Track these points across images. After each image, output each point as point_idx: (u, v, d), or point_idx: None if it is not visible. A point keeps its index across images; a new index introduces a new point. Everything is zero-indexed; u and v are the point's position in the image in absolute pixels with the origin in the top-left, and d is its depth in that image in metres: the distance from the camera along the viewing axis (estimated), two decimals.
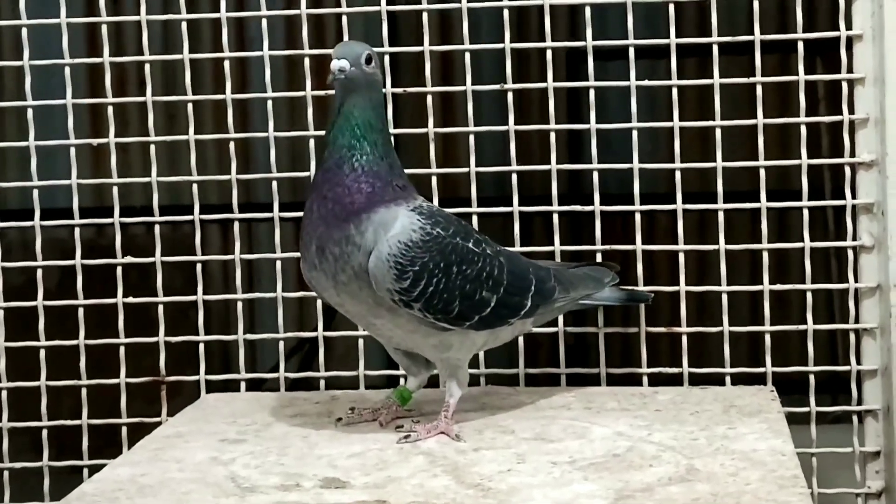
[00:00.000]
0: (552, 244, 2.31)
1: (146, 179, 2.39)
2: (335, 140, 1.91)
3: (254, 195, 2.55)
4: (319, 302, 2.26)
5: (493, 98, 2.39)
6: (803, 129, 2.28)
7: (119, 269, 2.37)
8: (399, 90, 2.33)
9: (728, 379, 2.29)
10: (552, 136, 2.32)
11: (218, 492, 1.74)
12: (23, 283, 2.47)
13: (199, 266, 2.37)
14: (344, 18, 2.35)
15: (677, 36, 2.28)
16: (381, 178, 1.90)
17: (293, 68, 2.50)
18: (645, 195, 2.30)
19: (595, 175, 2.31)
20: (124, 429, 2.37)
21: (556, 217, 2.32)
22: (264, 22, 2.35)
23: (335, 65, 1.89)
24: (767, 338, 2.30)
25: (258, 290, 2.42)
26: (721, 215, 2.29)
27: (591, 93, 2.30)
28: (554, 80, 2.31)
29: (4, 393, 2.38)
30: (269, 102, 2.36)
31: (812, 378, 2.29)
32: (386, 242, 1.88)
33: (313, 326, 2.39)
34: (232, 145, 2.36)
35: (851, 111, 2.26)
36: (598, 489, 1.70)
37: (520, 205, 2.32)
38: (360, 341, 2.34)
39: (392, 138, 2.02)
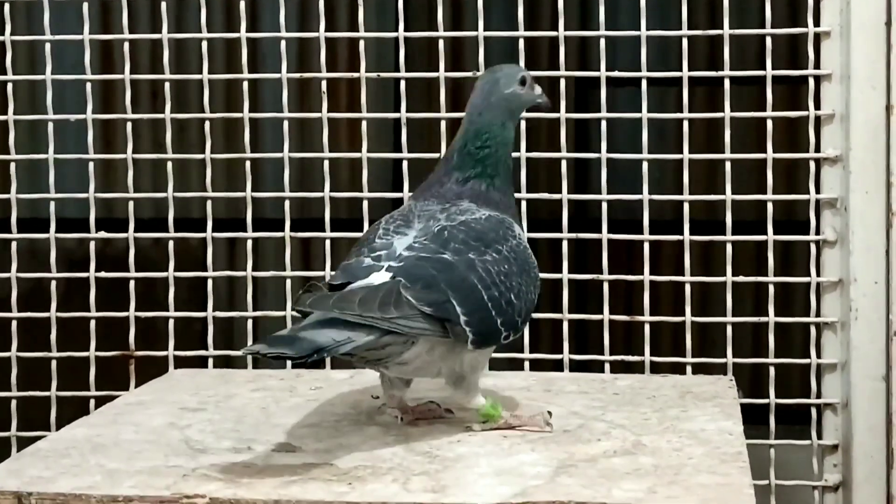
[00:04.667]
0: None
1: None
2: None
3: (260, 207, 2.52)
4: None
5: None
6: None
7: (92, 244, 2.42)
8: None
9: (689, 368, 2.31)
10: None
11: (169, 451, 1.77)
12: None
13: (171, 243, 2.41)
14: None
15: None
16: None
17: (302, 90, 2.54)
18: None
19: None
20: (92, 401, 2.40)
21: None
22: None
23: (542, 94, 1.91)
24: (728, 329, 2.32)
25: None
26: (686, 206, 2.32)
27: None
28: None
29: None
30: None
31: (772, 370, 2.31)
32: None
33: None
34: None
35: (817, 107, 2.29)
36: (542, 458, 1.73)
37: None
38: None
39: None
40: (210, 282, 2.41)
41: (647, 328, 2.34)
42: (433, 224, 1.83)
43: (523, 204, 2.33)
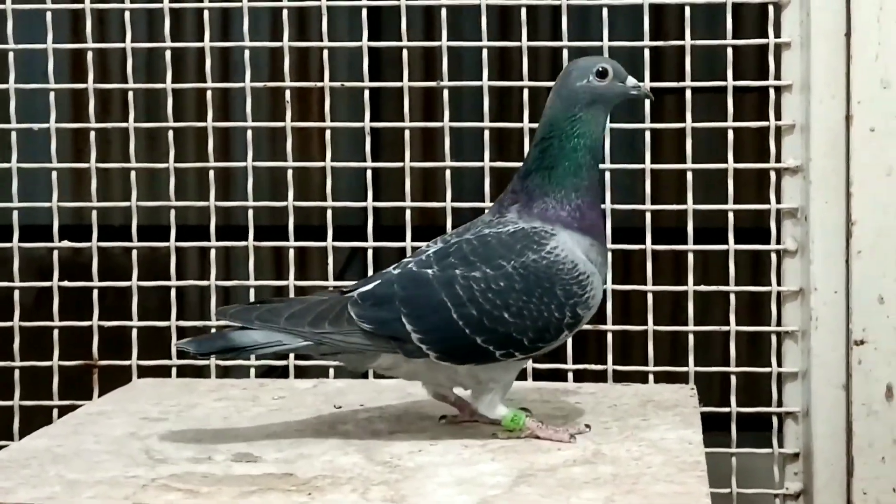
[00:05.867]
0: None
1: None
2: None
3: (233, 215, 2.53)
4: None
5: (475, 133, 2.42)
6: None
7: (56, 253, 2.41)
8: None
9: (651, 377, 2.33)
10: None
11: (129, 462, 1.77)
12: None
13: (134, 252, 2.41)
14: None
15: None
16: None
17: (275, 98, 2.54)
18: None
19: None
20: (56, 411, 2.39)
21: None
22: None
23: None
24: (691, 338, 2.34)
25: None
26: (648, 216, 2.33)
27: None
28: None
29: None
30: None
31: (734, 379, 2.33)
32: None
33: None
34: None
35: (778, 117, 2.30)
36: (502, 468, 1.74)
37: None
38: None
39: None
40: (174, 291, 2.41)
41: (609, 337, 2.35)
42: (462, 235, 1.86)
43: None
